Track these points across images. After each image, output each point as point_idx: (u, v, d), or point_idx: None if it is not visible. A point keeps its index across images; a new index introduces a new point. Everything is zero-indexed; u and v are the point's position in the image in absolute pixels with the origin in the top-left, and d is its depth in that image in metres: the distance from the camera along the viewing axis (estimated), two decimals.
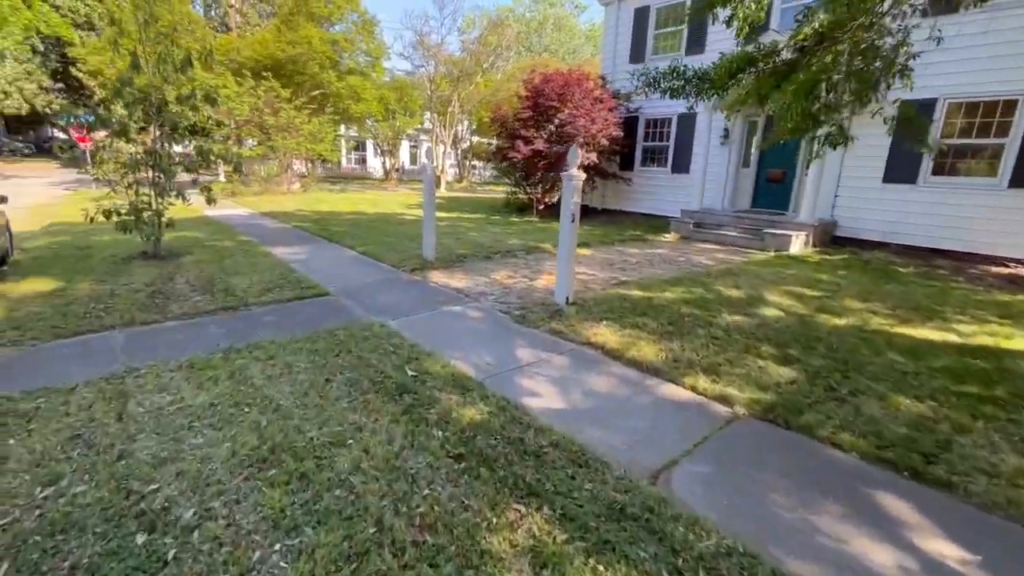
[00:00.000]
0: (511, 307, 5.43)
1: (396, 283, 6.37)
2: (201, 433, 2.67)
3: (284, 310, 5.12)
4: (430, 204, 7.38)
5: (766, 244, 9.71)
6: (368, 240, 9.07)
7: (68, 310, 4.76)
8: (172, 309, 4.93)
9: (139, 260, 6.76)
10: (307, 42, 19.60)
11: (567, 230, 5.16)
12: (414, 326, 4.75)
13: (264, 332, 4.44)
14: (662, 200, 13.51)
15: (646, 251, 9.38)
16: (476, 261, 7.81)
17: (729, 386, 3.54)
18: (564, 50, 46.96)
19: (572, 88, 12.34)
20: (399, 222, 11.97)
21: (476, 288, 6.21)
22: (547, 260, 8.12)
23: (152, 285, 5.65)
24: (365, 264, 7.40)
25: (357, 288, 6.05)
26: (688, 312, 5.18)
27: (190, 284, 5.78)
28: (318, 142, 19.24)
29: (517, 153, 12.62)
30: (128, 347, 4.03)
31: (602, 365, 3.98)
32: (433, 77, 25.41)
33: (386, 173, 33.34)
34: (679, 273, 7.33)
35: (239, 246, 8.10)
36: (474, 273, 7.01)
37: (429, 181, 7.37)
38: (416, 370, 3.62)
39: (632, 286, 6.30)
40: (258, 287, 5.74)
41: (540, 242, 9.49)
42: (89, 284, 5.60)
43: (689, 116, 12.70)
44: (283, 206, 14.53)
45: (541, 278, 6.85)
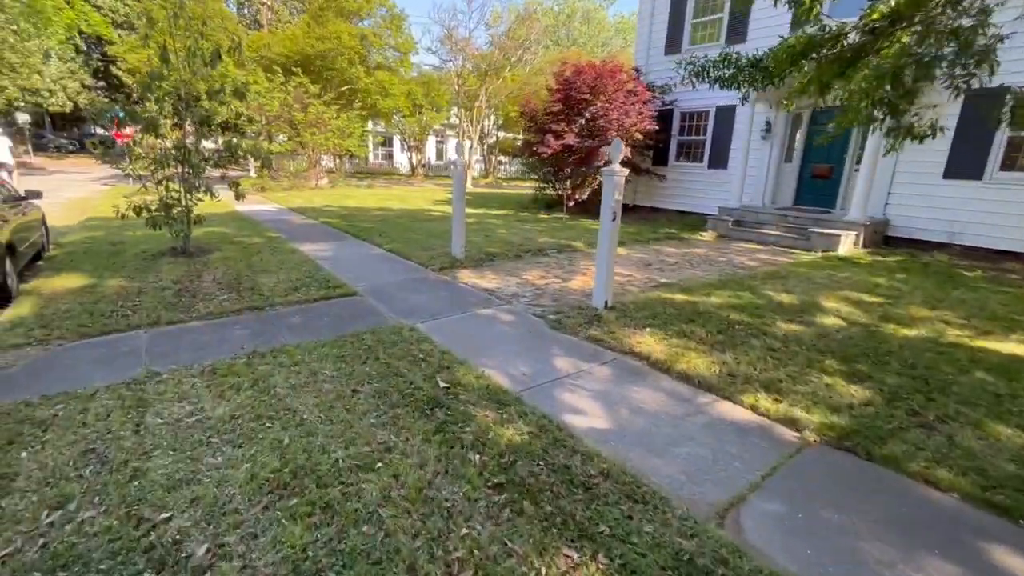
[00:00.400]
0: (545, 310, 5.13)
1: (424, 283, 6.14)
2: (219, 451, 2.47)
3: (310, 310, 4.94)
4: (460, 201, 7.13)
5: (812, 244, 9.14)
6: (395, 237, 8.89)
7: (96, 308, 4.68)
8: (198, 308, 4.81)
9: (168, 256, 6.71)
10: (336, 37, 19.60)
11: (607, 230, 4.82)
12: (444, 330, 4.50)
13: (289, 334, 4.26)
14: (698, 197, 12.96)
15: (683, 250, 8.93)
16: (506, 260, 7.52)
17: (795, 406, 3.16)
18: (592, 43, 46.10)
19: (605, 80, 11.90)
20: (426, 219, 11.78)
21: (508, 289, 5.93)
22: (580, 259, 7.79)
23: (179, 283, 5.56)
24: (393, 262, 7.21)
25: (385, 287, 5.84)
26: (738, 319, 4.78)
27: (217, 282, 5.67)
28: (346, 137, 19.25)
29: (547, 148, 12.27)
30: (152, 349, 3.90)
31: (649, 378, 3.65)
32: (460, 72, 25.18)
33: (412, 169, 33.36)
34: (722, 275, 6.89)
35: (267, 242, 8.02)
36: (505, 273, 6.73)
37: (459, 178, 7.12)
38: (448, 381, 3.36)
39: (674, 289, 5.92)
40: (284, 286, 5.60)
41: (571, 240, 9.14)
42: (118, 281, 5.55)
43: (727, 109, 12.13)
44: (311, 202, 14.54)
45: (575, 279, 6.53)
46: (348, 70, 20.88)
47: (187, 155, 6.21)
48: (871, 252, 8.91)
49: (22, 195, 6.59)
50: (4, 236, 5.06)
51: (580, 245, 8.75)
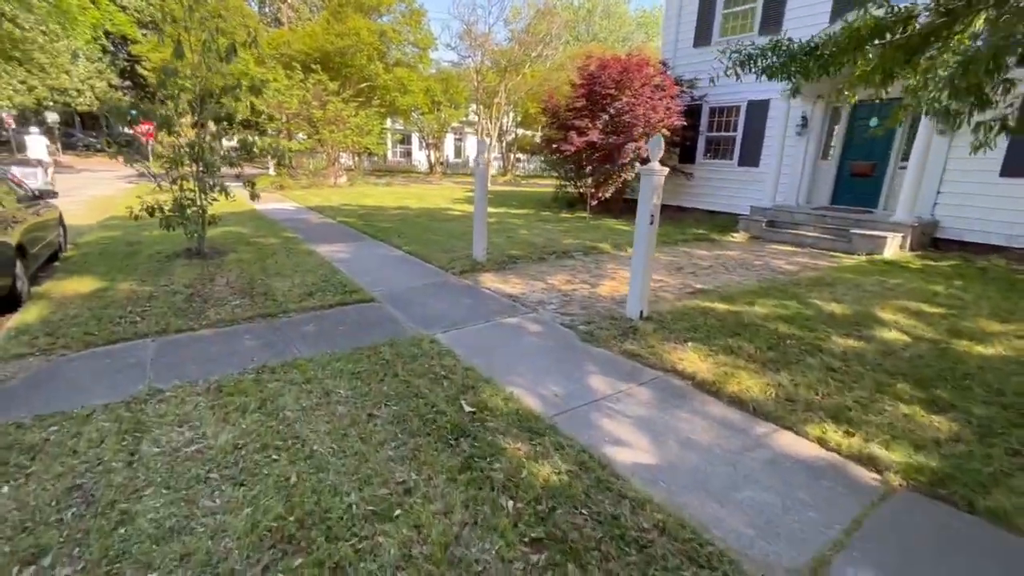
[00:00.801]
0: (575, 320, 4.77)
1: (445, 288, 5.83)
2: (219, 490, 2.18)
3: (325, 318, 4.66)
4: (482, 201, 6.80)
5: (854, 246, 8.58)
6: (414, 238, 8.61)
7: (104, 314, 4.48)
8: (208, 315, 4.57)
9: (183, 258, 6.53)
10: (355, 33, 19.44)
11: (643, 233, 4.43)
12: (467, 342, 4.17)
13: (302, 345, 3.98)
14: (727, 196, 12.42)
15: (716, 253, 8.47)
16: (530, 263, 7.17)
17: (871, 441, 2.75)
18: (613, 38, 45.32)
19: (631, 74, 11.44)
20: (445, 218, 11.49)
21: (533, 295, 5.58)
22: (607, 262, 7.39)
23: (191, 287, 5.34)
24: (412, 265, 6.92)
25: (403, 293, 5.55)
26: (788, 333, 4.35)
27: (229, 286, 5.44)
28: (365, 135, 19.10)
29: (570, 145, 11.86)
30: (158, 360, 3.66)
31: (696, 401, 3.26)
32: (480, 68, 24.85)
33: (431, 166, 33.20)
34: (762, 281, 6.43)
35: (283, 243, 7.81)
36: (529, 277, 6.38)
37: (481, 176, 6.78)
38: (474, 404, 3.03)
39: (712, 297, 5.50)
40: (299, 290, 5.34)
41: (597, 242, 8.75)
42: (130, 284, 5.36)
43: (760, 104, 11.57)
44: (329, 200, 14.39)
45: (603, 284, 6.15)
46: (367, 67, 20.72)
47: (201, 153, 6.00)
48: (920, 256, 8.32)
49: (36, 194, 6.48)
50: (14, 238, 4.89)
51: (606, 247, 8.35)
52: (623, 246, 8.54)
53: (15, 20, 24.42)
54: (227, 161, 6.56)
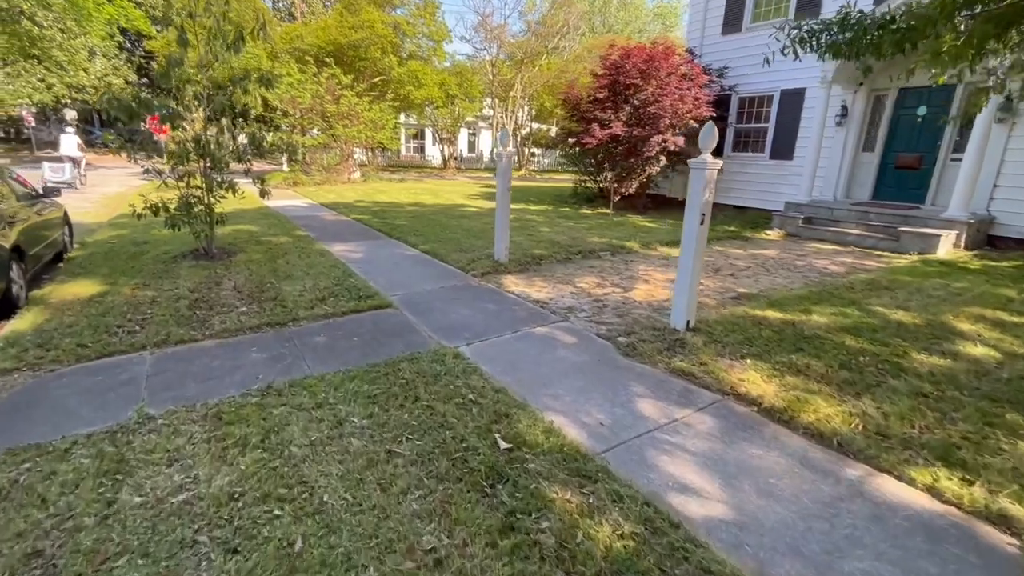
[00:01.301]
0: (612, 330, 4.31)
1: (466, 292, 5.40)
2: (206, 560, 1.77)
3: (338, 327, 4.27)
4: (504, 197, 6.35)
5: (903, 245, 7.96)
6: (431, 236, 8.20)
7: (102, 322, 4.13)
8: (213, 323, 4.20)
9: (189, 259, 6.20)
10: (369, 26, 19.04)
11: (693, 235, 3.95)
12: (494, 356, 3.74)
13: (313, 360, 3.59)
14: (758, 191, 11.80)
15: (751, 252, 7.92)
16: (555, 264, 6.71)
17: (997, 493, 2.26)
18: (630, 30, 44.33)
19: (657, 63, 10.85)
20: (462, 215, 11.06)
21: (562, 300, 5.13)
22: (637, 263, 6.90)
23: (196, 291, 4.99)
24: (429, 266, 6.50)
25: (422, 297, 5.13)
26: (858, 347, 3.84)
27: (237, 290, 5.08)
28: (379, 130, 18.73)
29: (592, 138, 11.33)
30: (154, 377, 3.29)
31: (767, 433, 2.79)
32: (495, 60, 24.31)
33: (444, 161, 32.81)
34: (809, 284, 5.90)
35: (295, 243, 7.45)
36: (555, 280, 5.92)
37: (504, 172, 6.32)
38: (509, 437, 2.60)
39: (760, 303, 4.98)
40: (311, 295, 4.95)
41: (623, 240, 8.24)
42: (132, 288, 5.02)
43: (795, 93, 10.92)
44: (343, 196, 14.06)
45: (636, 287, 5.67)
46: (381, 60, 20.33)
47: (207, 149, 5.64)
48: (977, 255, 7.67)
49: (39, 192, 6.19)
50: (10, 240, 4.58)
51: (634, 246, 7.85)
52: (652, 244, 8.03)
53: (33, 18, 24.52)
54: (236, 157, 6.19)
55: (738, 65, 11.77)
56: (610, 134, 11.22)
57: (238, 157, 6.12)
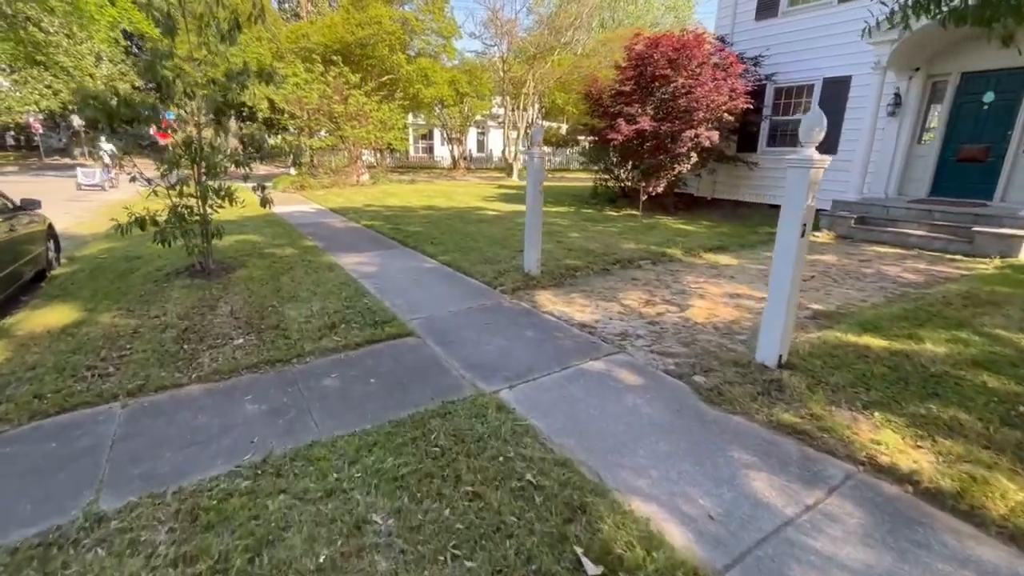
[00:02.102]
0: (681, 364, 3.55)
1: (497, 314, 4.66)
2: None
3: (352, 363, 3.55)
4: (536, 202, 5.60)
5: (978, 248, 7.10)
6: (449, 244, 7.47)
7: (70, 363, 3.45)
8: (202, 362, 3.50)
9: (184, 277, 5.52)
10: (376, 22, 18.37)
11: (791, 250, 3.18)
12: (546, 405, 3.00)
13: (322, 413, 2.87)
14: None
15: (808, 258, 7.09)
16: (592, 276, 5.95)
17: None
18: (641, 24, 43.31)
19: (690, 52, 10.03)
20: (480, 219, 10.33)
21: (610, 323, 4.37)
22: (685, 274, 6.12)
23: (187, 318, 4.29)
24: (451, 280, 5.77)
25: (447, 322, 4.40)
26: (1007, 390, 3.04)
27: (234, 316, 4.38)
28: (388, 130, 18.07)
29: (617, 134, 10.53)
30: (121, 443, 2.59)
31: (941, 534, 2.01)
32: (506, 56, 23.53)
33: (454, 162, 32.14)
34: (890, 297, 5.09)
35: (301, 255, 6.75)
36: (597, 296, 5.17)
37: (536, 174, 5.57)
38: (595, 550, 1.86)
39: (850, 325, 4.18)
40: (318, 321, 4.24)
41: (662, 246, 7.45)
42: (114, 315, 4.34)
43: (839, 81, 10.04)
44: (352, 200, 13.39)
45: (693, 305, 4.89)
46: (389, 58, 19.65)
47: (199, 152, 4.95)
48: None
49: (17, 205, 5.55)
50: None
51: (676, 253, 7.05)
52: (695, 251, 7.24)
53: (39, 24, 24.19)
54: (234, 160, 5.51)
55: (775, 53, 10.90)
56: (637, 129, 10.42)
57: (236, 161, 5.42)
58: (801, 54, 10.54)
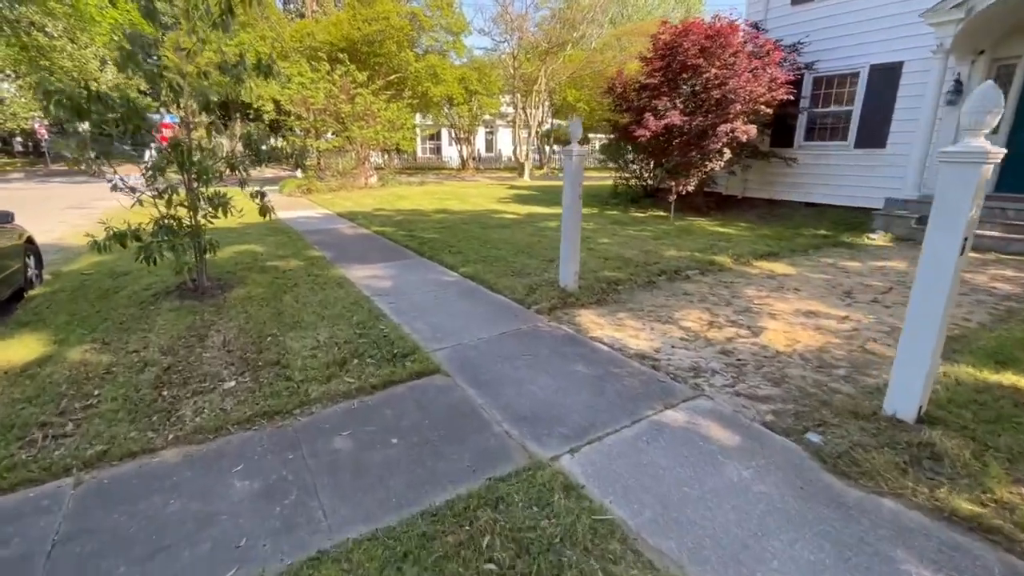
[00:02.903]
0: (780, 412, 2.81)
1: (537, 341, 3.93)
2: None
3: (367, 415, 2.85)
4: (574, 206, 4.86)
5: None
6: (470, 253, 6.76)
7: (21, 417, 2.78)
8: (183, 415, 2.82)
9: (173, 297, 4.86)
10: (384, 18, 17.70)
11: (944, 272, 2.40)
12: (624, 480, 2.27)
13: (331, 495, 2.18)
14: (841, 185, 10.07)
15: (872, 264, 6.31)
16: (636, 290, 5.21)
17: None
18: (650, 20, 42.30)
19: (725, 39, 9.23)
20: (499, 224, 9.61)
21: (673, 352, 3.64)
22: (741, 286, 5.36)
23: (171, 352, 3.62)
24: (476, 297, 5.05)
25: (479, 353, 3.69)
26: None
27: (227, 349, 3.70)
28: (396, 130, 17.40)
29: (645, 130, 9.76)
30: (64, 544, 1.91)
31: None
32: (516, 53, 22.78)
33: (463, 162, 31.46)
34: (1002, 315, 4.30)
35: (307, 267, 6.08)
36: (649, 316, 4.43)
37: (574, 173, 4.82)
38: None
39: (978, 356, 3.40)
40: (326, 355, 3.54)
41: (706, 253, 6.69)
42: (85, 350, 3.68)
43: (888, 69, 9.20)
44: (361, 204, 12.74)
45: (765, 327, 4.14)
46: (397, 55, 18.98)
47: (187, 155, 4.28)
48: None
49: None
50: None
51: (724, 261, 6.29)
52: (744, 258, 6.46)
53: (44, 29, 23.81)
54: (229, 165, 4.83)
55: (815, 40, 10.07)
56: (666, 124, 9.65)
57: (231, 165, 4.75)
58: (844, 40, 9.71)
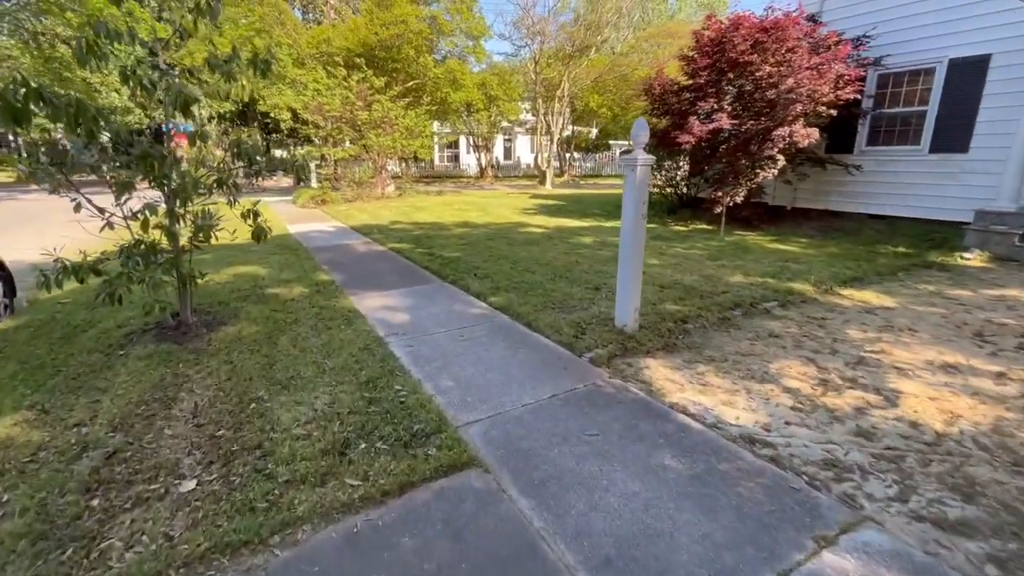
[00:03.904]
0: (1001, 559, 1.81)
1: (601, 410, 2.98)
2: None
3: (376, 551, 1.93)
4: (636, 229, 3.90)
5: None
6: (499, 277, 5.84)
7: None
8: (108, 550, 1.94)
9: (149, 338, 4.04)
10: (402, 21, 17.08)
11: None
12: None
13: None
14: (912, 195, 8.93)
15: (985, 293, 5.22)
16: (711, 330, 4.23)
17: None
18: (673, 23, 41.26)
19: (782, 32, 8.22)
20: (526, 239, 8.70)
21: (789, 432, 2.66)
22: (837, 323, 4.34)
23: (124, 426, 2.76)
24: (512, 339, 4.12)
25: (525, 430, 2.75)
26: None
27: (196, 421, 2.82)
28: (414, 138, 16.69)
29: (688, 135, 8.79)
30: None
31: None
32: (538, 57, 21.98)
33: (481, 170, 30.76)
34: None
35: (312, 297, 5.23)
36: (735, 370, 3.45)
37: (638, 187, 3.86)
38: None
39: None
40: (322, 437, 2.64)
41: (779, 278, 5.67)
42: (15, 423, 2.83)
43: (972, 63, 8.09)
44: (378, 216, 11.96)
45: (902, 391, 3.13)
46: (416, 61, 18.33)
47: (158, 170, 3.46)
48: None
49: None
50: None
51: (806, 289, 5.26)
52: (826, 285, 5.42)
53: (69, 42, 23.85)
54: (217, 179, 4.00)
55: (882, 32, 9.00)
56: (713, 129, 8.66)
57: (219, 180, 3.92)
58: (917, 32, 8.63)
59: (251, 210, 4.05)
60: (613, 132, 26.92)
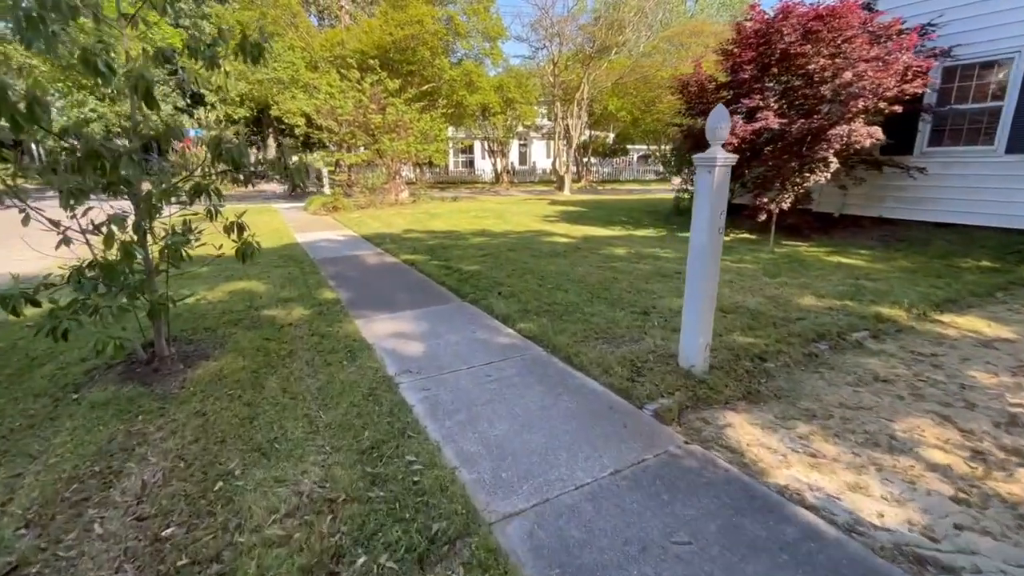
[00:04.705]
0: None
1: (684, 497, 2.19)
2: None
3: None
4: (711, 244, 3.10)
5: None
6: (526, 296, 5.08)
7: None
8: None
9: (115, 375, 3.35)
10: (417, 21, 16.51)
11: None
12: None
13: None
14: (984, 201, 7.98)
15: None
16: (797, 371, 3.41)
17: None
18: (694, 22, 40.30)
19: (839, 20, 7.37)
20: (552, 250, 7.92)
21: (961, 541, 1.83)
22: (957, 362, 3.48)
23: (39, 523, 2.04)
24: (550, 379, 3.34)
25: (584, 531, 1.97)
26: None
27: (136, 516, 2.10)
28: (429, 143, 16.08)
29: (732, 136, 7.96)
30: None
31: None
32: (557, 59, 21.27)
33: (497, 175, 30.13)
34: None
35: (312, 321, 4.52)
36: (848, 432, 2.63)
37: (715, 193, 3.07)
38: None
39: None
40: (305, 546, 1.89)
41: (859, 300, 4.80)
42: None
43: None
44: (391, 224, 11.30)
45: None
46: (431, 63, 17.75)
47: (107, 172, 2.78)
48: None
49: None
50: None
51: (898, 315, 4.39)
52: (918, 309, 4.55)
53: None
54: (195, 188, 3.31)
55: (948, 20, 8.10)
56: (759, 128, 7.83)
57: (197, 189, 3.23)
58: (989, 19, 7.71)
59: (235, 223, 3.35)
60: (631, 136, 26.05)
